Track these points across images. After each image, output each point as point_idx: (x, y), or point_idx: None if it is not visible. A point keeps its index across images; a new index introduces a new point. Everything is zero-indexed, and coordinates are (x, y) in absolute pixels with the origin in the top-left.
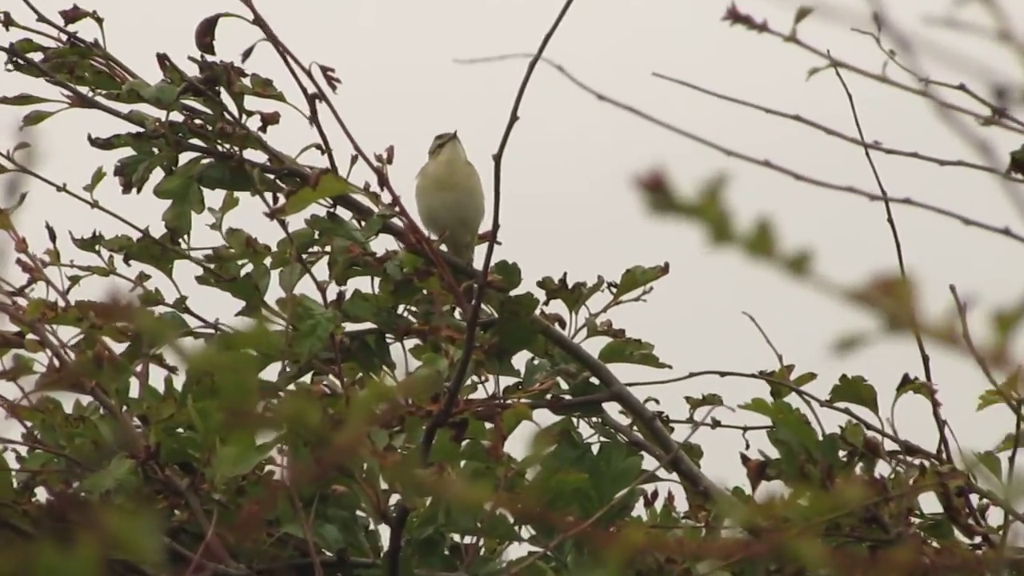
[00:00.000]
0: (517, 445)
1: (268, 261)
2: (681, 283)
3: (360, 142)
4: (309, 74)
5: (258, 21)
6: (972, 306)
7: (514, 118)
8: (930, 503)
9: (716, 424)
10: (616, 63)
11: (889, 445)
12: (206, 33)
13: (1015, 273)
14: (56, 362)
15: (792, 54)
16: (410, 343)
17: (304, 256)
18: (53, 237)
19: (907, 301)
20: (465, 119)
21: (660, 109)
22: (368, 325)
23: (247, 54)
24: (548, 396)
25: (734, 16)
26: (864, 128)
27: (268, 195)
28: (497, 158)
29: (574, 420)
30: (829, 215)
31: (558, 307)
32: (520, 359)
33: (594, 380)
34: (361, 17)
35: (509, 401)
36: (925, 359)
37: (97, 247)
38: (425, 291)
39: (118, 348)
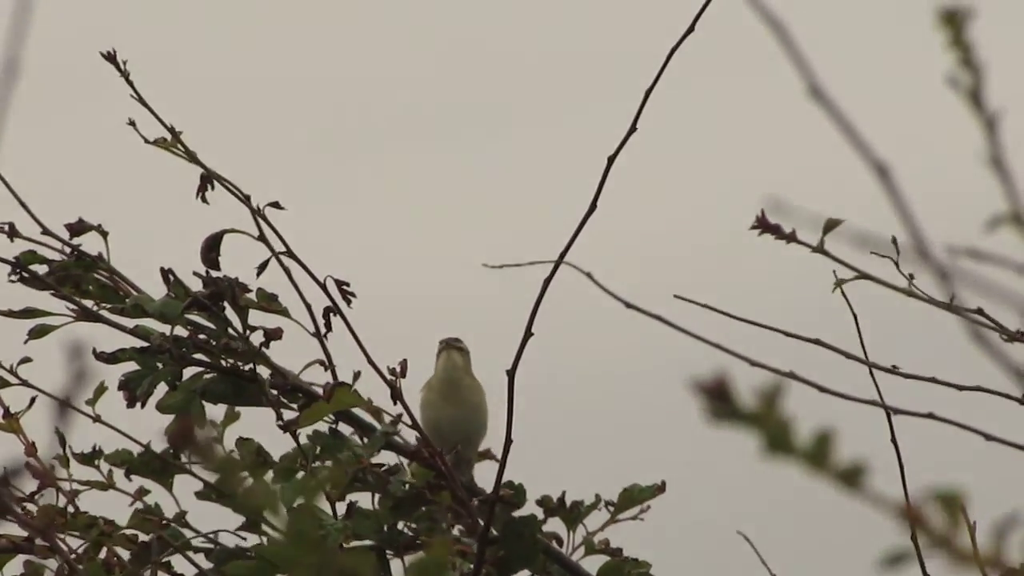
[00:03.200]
0: None
1: (270, 475)
2: (679, 501)
3: (372, 352)
4: (324, 287)
5: (263, 238)
6: (1012, 527)
7: (528, 334)
8: None
9: None
10: (645, 261)
11: None
12: (211, 248)
13: None
14: (66, 568)
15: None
16: (410, 560)
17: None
18: (63, 442)
19: (957, 521)
20: (487, 324)
21: (686, 314)
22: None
23: (263, 267)
24: None
25: (763, 225)
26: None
27: (271, 411)
28: (511, 374)
29: None
30: (849, 425)
31: (556, 525)
32: None
33: None
34: (380, 216)
35: None
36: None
37: (96, 462)
38: (424, 508)
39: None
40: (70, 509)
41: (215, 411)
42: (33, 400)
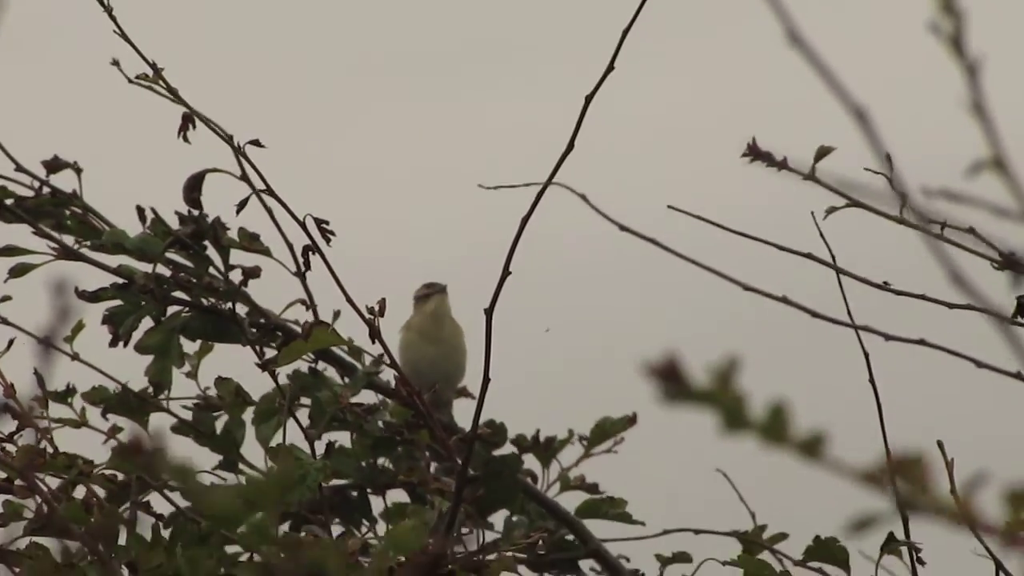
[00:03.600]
0: None
1: (250, 414)
2: (655, 437)
3: (352, 293)
4: (303, 225)
5: (245, 177)
6: (984, 482)
7: (506, 272)
8: None
9: None
10: (635, 187)
11: None
12: (194, 188)
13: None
14: (45, 508)
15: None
16: (390, 499)
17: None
18: (42, 383)
19: (926, 481)
20: (460, 273)
21: (679, 237)
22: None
23: (242, 205)
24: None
25: (755, 153)
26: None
27: (250, 350)
28: (489, 312)
29: None
30: (839, 351)
31: (531, 462)
32: (497, 516)
33: (570, 537)
34: (356, 175)
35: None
36: (905, 520)
37: (70, 399)
38: (400, 448)
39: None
40: (49, 449)
41: (193, 345)
42: (11, 342)
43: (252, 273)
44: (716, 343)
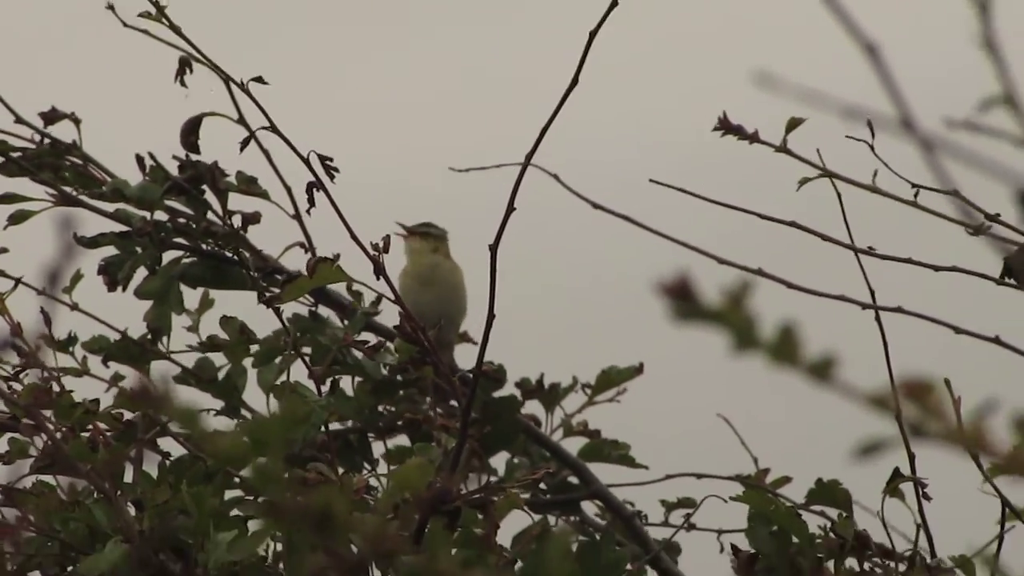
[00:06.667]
0: (506, 535)
1: (249, 360)
2: (657, 384)
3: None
4: (307, 162)
5: (243, 120)
6: (993, 410)
7: (510, 209)
8: None
9: (691, 527)
10: (612, 169)
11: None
12: (191, 132)
13: (1004, 380)
14: (51, 446)
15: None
16: (391, 443)
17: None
18: (48, 322)
19: (936, 406)
20: (460, 215)
21: (654, 217)
22: (348, 424)
23: (244, 144)
24: (540, 485)
25: (725, 126)
26: (858, 233)
27: (250, 296)
28: (493, 248)
29: (551, 519)
30: (821, 321)
31: (534, 407)
32: (499, 459)
33: (572, 479)
34: (353, 112)
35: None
36: (911, 456)
37: (71, 348)
38: (403, 391)
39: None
40: (55, 388)
41: (193, 296)
42: (18, 282)
43: (252, 219)
44: None
